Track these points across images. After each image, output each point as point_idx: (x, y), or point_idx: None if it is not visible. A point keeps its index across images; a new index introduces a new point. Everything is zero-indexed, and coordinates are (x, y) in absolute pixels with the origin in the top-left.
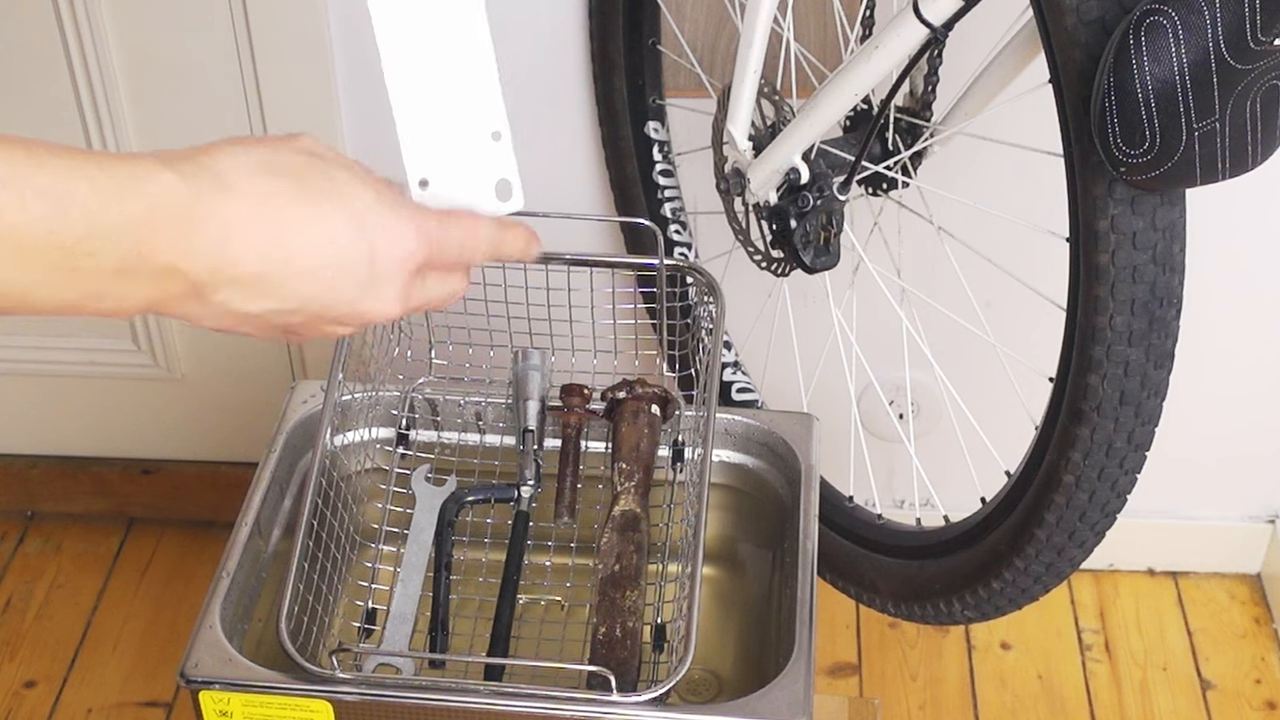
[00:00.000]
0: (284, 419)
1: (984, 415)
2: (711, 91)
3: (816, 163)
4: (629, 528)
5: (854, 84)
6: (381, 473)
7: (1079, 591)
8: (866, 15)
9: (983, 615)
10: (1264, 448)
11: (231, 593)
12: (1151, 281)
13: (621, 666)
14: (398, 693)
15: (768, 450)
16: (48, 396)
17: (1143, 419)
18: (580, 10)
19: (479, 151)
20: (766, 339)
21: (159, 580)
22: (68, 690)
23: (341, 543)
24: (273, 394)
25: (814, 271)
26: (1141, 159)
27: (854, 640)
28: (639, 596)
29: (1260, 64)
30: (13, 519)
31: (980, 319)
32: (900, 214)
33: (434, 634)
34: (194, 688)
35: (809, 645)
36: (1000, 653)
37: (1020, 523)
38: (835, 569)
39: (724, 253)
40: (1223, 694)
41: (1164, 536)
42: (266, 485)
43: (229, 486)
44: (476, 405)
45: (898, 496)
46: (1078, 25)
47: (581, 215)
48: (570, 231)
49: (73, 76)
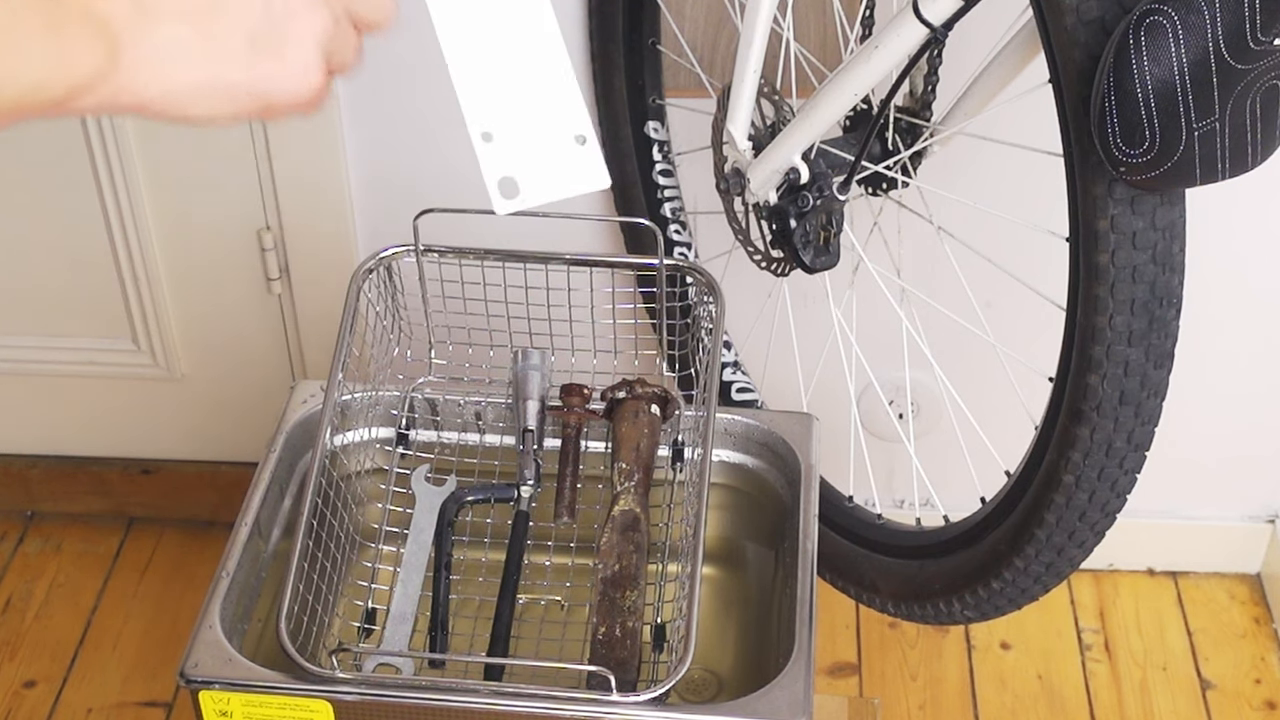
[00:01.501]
0: (284, 419)
1: (984, 415)
2: (711, 91)
3: (816, 163)
4: (629, 528)
5: (854, 84)
6: (381, 473)
7: (1079, 591)
8: (866, 15)
9: (983, 615)
10: (1264, 448)
11: (231, 593)
12: (1151, 281)
13: (621, 666)
14: (398, 693)
15: (768, 450)
16: (48, 396)
17: (1143, 419)
18: (580, 10)
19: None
20: (766, 339)
21: (159, 580)
22: (68, 690)
23: (341, 543)
24: (273, 394)
25: (814, 271)
26: (1141, 159)
27: (854, 640)
28: (639, 596)
29: (1260, 64)
30: (13, 519)
31: (980, 319)
32: (900, 214)
33: (434, 634)
34: (194, 688)
35: (809, 645)
36: (1000, 653)
37: (1020, 523)
38: (835, 569)
39: (724, 253)
40: (1222, 694)
41: (1164, 536)
42: (266, 485)
43: (229, 486)
44: (476, 405)
45: (898, 496)
46: (1078, 25)
47: (581, 215)
48: (570, 231)
49: None
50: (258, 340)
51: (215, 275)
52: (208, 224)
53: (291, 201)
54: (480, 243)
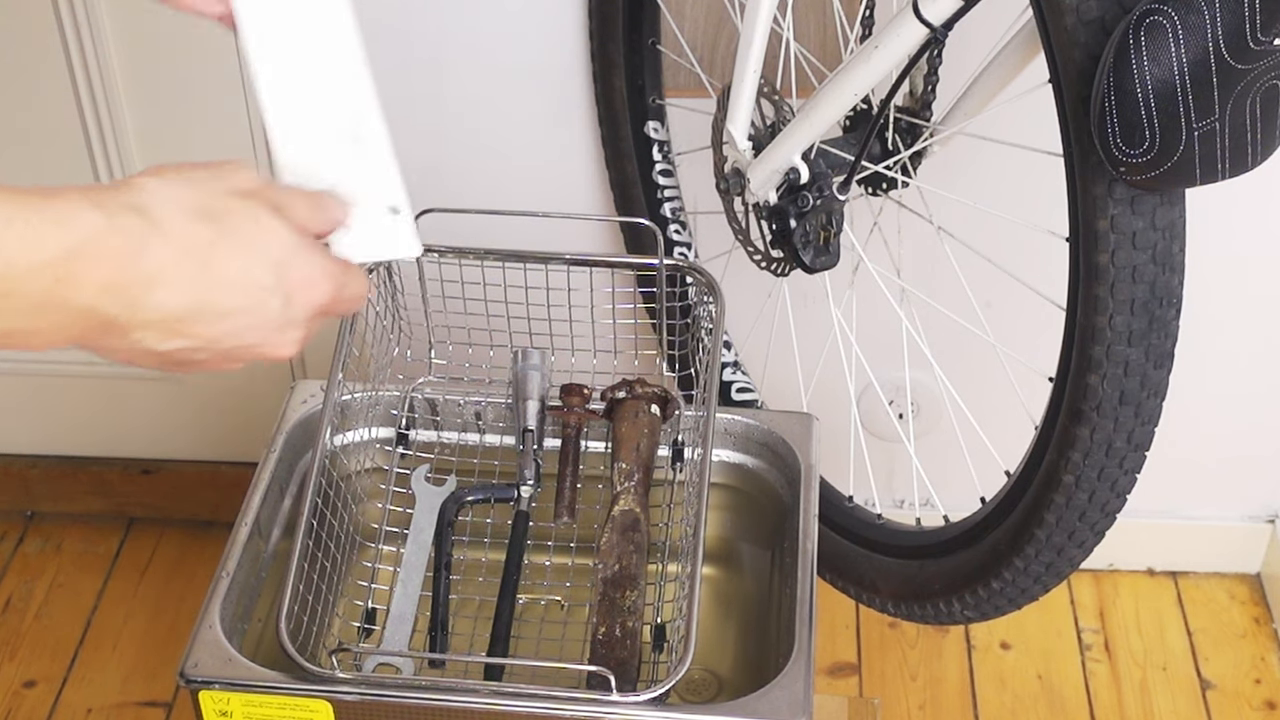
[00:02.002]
0: (284, 419)
1: (984, 415)
2: (711, 91)
3: (816, 163)
4: (629, 528)
5: (854, 84)
6: (381, 473)
7: (1079, 591)
8: (866, 15)
9: (983, 615)
10: (1264, 448)
11: (231, 593)
12: (1151, 281)
13: (621, 666)
14: (398, 693)
15: (767, 450)
16: (48, 396)
17: (1142, 419)
18: (580, 10)
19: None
20: (766, 339)
21: (159, 580)
22: (68, 690)
23: (341, 543)
24: (273, 394)
25: (814, 271)
26: (1141, 159)
27: (854, 640)
28: (639, 596)
29: (1260, 64)
30: (13, 519)
31: (980, 319)
32: (900, 214)
33: (434, 634)
34: (194, 688)
35: (809, 645)
36: (1000, 653)
37: (1020, 523)
38: (835, 569)
39: (724, 253)
40: (1222, 694)
41: (1164, 536)
42: (266, 485)
43: (229, 486)
44: (476, 405)
45: (898, 496)
46: (1078, 25)
47: (582, 215)
48: (570, 231)
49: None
50: None
51: None
52: None
53: None
54: (480, 243)
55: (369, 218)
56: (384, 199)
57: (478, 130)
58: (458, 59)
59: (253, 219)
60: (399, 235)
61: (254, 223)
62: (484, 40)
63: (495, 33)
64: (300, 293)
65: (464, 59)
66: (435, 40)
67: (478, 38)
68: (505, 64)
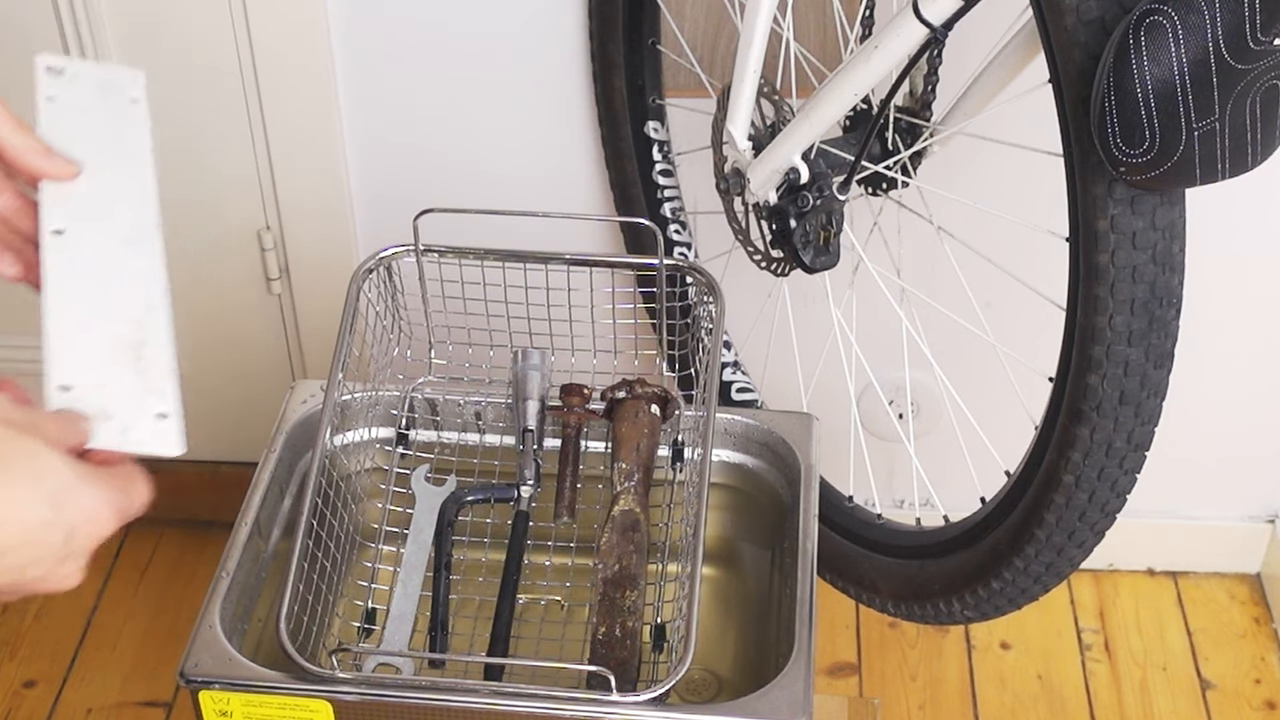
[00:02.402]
0: (284, 419)
1: (984, 415)
2: (711, 91)
3: (816, 162)
4: (629, 528)
5: (854, 84)
6: (381, 473)
7: (1079, 591)
8: (866, 15)
9: (983, 615)
10: (1264, 448)
11: (231, 593)
12: (1151, 281)
13: (621, 666)
14: (398, 692)
15: (767, 450)
16: None
17: (1142, 419)
18: (580, 10)
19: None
20: (766, 339)
21: (159, 580)
22: (67, 690)
23: (341, 543)
24: (273, 394)
25: (814, 271)
26: (1141, 159)
27: (854, 640)
28: (639, 596)
29: (1260, 64)
30: None
31: (980, 319)
32: (900, 214)
33: (434, 634)
34: (194, 688)
35: (809, 645)
36: (1000, 653)
37: (1020, 523)
38: (835, 569)
39: (724, 253)
40: (1222, 694)
41: (1164, 536)
42: (266, 485)
43: (229, 486)
44: (476, 405)
45: (898, 496)
46: (1078, 25)
47: (582, 215)
48: (570, 231)
49: None
50: (258, 340)
51: (215, 275)
52: (207, 224)
53: (291, 201)
54: (480, 243)
55: (136, 417)
56: (155, 406)
57: (478, 130)
58: (458, 59)
59: (23, 449)
60: (164, 435)
61: (25, 453)
62: (484, 40)
63: (495, 33)
64: (82, 527)
65: (464, 59)
66: (435, 40)
67: (478, 38)
68: (505, 64)
